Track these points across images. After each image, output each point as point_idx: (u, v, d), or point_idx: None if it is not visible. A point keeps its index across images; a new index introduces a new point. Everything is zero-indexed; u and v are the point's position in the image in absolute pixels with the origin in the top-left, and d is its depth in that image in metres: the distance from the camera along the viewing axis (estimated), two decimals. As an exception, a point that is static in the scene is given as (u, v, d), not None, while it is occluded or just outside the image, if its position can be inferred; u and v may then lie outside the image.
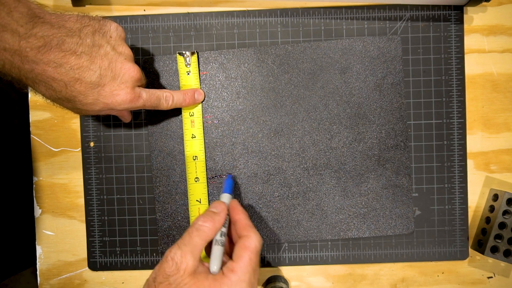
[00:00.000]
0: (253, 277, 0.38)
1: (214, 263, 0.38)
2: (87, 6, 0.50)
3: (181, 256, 0.37)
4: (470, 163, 0.50)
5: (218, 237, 0.39)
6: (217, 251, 0.38)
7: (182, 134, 0.49)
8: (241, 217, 0.41)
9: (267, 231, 0.49)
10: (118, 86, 0.40)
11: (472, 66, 0.50)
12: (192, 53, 0.48)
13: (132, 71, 0.41)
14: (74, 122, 0.50)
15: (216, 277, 0.37)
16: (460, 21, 0.49)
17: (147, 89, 0.43)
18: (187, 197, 0.49)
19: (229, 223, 0.42)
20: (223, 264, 0.38)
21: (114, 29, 0.41)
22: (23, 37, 0.36)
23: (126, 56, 0.41)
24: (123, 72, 0.40)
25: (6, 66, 0.37)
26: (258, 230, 0.49)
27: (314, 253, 0.50)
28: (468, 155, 0.50)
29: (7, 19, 0.35)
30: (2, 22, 0.35)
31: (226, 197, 0.44)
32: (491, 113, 0.50)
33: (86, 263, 0.51)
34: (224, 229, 0.40)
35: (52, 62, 0.37)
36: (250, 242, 0.38)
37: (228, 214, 0.42)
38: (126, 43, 0.42)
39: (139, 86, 0.42)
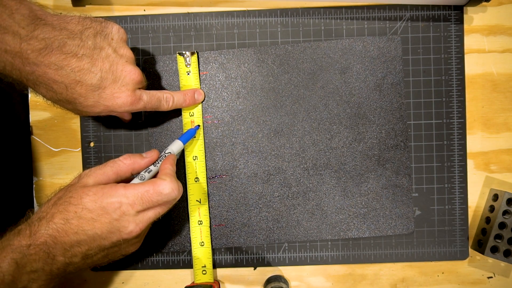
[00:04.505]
0: (140, 208, 0.39)
1: None
2: (87, 6, 0.50)
3: (86, 175, 0.40)
4: (470, 163, 0.50)
5: (142, 173, 0.42)
6: (133, 182, 0.41)
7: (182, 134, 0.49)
8: (166, 167, 0.42)
9: (267, 231, 0.49)
10: (119, 88, 0.40)
11: (472, 66, 0.50)
12: (192, 53, 0.48)
13: (133, 74, 0.41)
14: (74, 122, 0.50)
15: (105, 185, 0.39)
16: (460, 21, 0.49)
17: (148, 91, 0.43)
18: (187, 197, 0.49)
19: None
20: None
21: (115, 31, 0.41)
22: (24, 39, 0.36)
23: (128, 58, 0.41)
24: (124, 75, 0.40)
25: (7, 67, 0.37)
26: (258, 230, 0.49)
27: (314, 253, 0.50)
28: (468, 155, 0.50)
29: (9, 21, 0.35)
30: (4, 24, 0.35)
31: (175, 145, 0.45)
32: (491, 113, 0.50)
33: (86, 263, 0.51)
34: (145, 174, 0.42)
35: (53, 64, 0.37)
36: (162, 183, 0.39)
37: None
38: (127, 46, 0.42)
39: (139, 88, 0.42)
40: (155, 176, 0.43)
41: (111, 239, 0.39)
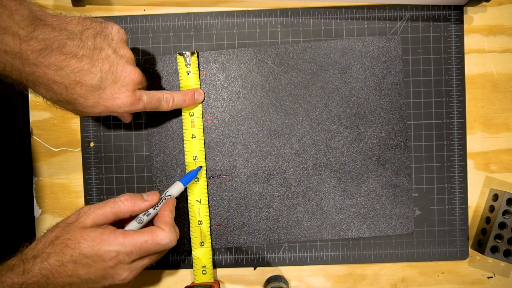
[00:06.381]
0: (136, 257, 0.39)
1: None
2: (87, 6, 0.50)
3: (84, 214, 0.40)
4: (470, 163, 0.50)
5: (140, 216, 0.42)
6: (131, 226, 0.41)
7: (182, 134, 0.49)
8: (165, 214, 0.42)
9: (267, 231, 0.49)
10: (118, 89, 0.40)
11: (472, 66, 0.50)
12: (192, 53, 0.48)
13: (133, 75, 0.41)
14: (74, 122, 0.50)
15: (104, 230, 0.39)
16: (460, 21, 0.49)
17: (148, 92, 0.43)
18: (187, 197, 0.49)
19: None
20: None
21: (115, 32, 0.41)
22: (24, 40, 0.36)
23: (128, 59, 0.41)
24: (124, 75, 0.40)
25: (6, 68, 0.37)
26: (258, 230, 0.49)
27: (314, 253, 0.50)
28: (468, 155, 0.50)
29: (8, 21, 0.35)
30: (3, 24, 0.35)
31: (176, 187, 0.45)
32: (491, 113, 0.50)
33: (86, 263, 0.51)
34: (144, 217, 0.42)
35: (53, 65, 0.37)
36: (160, 234, 0.40)
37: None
38: (127, 46, 0.42)
39: (139, 88, 0.42)
40: (153, 218, 0.43)
41: (103, 284, 0.39)
